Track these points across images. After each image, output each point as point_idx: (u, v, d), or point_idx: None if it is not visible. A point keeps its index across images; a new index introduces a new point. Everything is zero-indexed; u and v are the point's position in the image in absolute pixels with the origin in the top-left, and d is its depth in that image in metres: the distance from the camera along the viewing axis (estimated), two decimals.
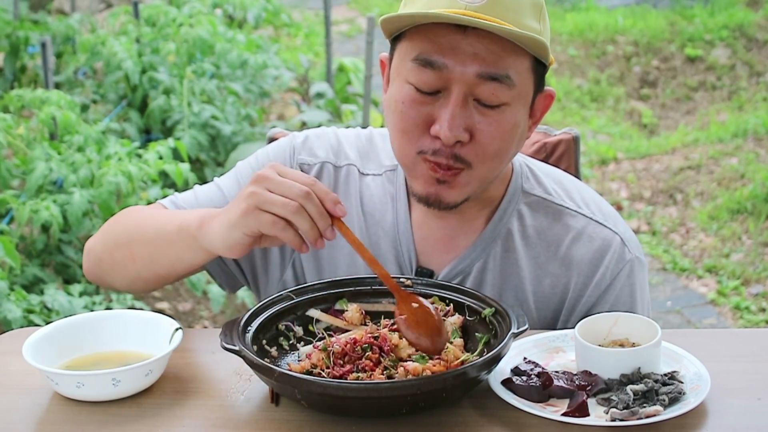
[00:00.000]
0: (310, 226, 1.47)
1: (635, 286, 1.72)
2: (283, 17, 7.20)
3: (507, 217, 1.73)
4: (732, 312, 4.54)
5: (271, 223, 1.47)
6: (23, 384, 1.54)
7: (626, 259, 1.71)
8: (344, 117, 6.21)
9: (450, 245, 1.73)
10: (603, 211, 1.76)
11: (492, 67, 1.53)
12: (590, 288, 1.70)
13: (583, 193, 1.78)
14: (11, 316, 3.09)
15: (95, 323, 1.62)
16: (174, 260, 1.67)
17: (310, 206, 1.46)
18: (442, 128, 1.55)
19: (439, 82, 1.55)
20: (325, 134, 1.84)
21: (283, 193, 1.47)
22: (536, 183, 1.76)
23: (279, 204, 1.46)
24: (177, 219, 1.66)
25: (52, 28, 6.32)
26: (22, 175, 3.84)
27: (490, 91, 1.55)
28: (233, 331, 1.50)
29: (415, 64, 1.56)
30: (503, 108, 1.57)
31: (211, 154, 5.48)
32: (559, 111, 7.34)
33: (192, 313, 4.47)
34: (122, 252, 1.73)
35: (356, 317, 1.61)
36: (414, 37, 1.57)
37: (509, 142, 1.60)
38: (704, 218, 5.40)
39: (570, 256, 1.71)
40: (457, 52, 1.53)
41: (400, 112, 1.59)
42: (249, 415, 1.44)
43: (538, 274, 1.72)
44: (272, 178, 1.48)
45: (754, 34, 8.12)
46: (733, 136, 6.43)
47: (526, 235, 1.72)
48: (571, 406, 1.40)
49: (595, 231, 1.72)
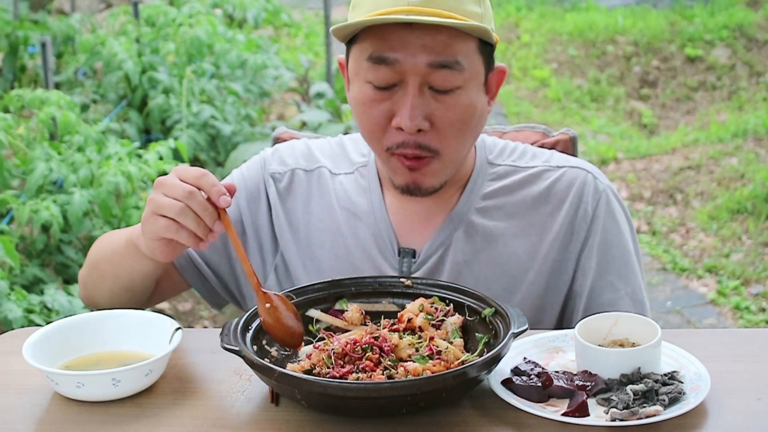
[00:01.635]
0: (196, 224, 1.55)
1: (615, 213, 1.81)
2: (283, 17, 7.20)
3: (477, 188, 1.80)
4: (732, 312, 4.53)
5: (165, 227, 1.56)
6: (23, 384, 1.54)
7: (600, 189, 1.80)
8: (344, 117, 6.21)
9: (427, 223, 1.80)
10: (568, 158, 1.86)
11: (441, 56, 1.62)
12: (575, 226, 1.77)
13: (544, 152, 1.88)
14: (11, 316, 3.08)
15: (95, 323, 1.62)
16: (130, 271, 1.77)
17: (194, 204, 1.54)
18: (403, 119, 1.64)
19: (394, 76, 1.64)
20: (295, 144, 1.94)
21: (171, 195, 1.55)
22: (500, 154, 1.86)
23: (167, 206, 1.55)
24: (127, 232, 1.76)
25: (52, 28, 6.33)
26: (22, 175, 3.84)
27: (442, 78, 1.63)
28: (233, 331, 1.50)
29: (369, 63, 1.65)
30: (457, 92, 1.65)
31: (211, 154, 5.48)
32: (559, 111, 7.34)
33: (192, 313, 4.47)
34: (95, 272, 1.85)
35: (356, 317, 1.61)
36: (365, 38, 1.66)
37: (469, 122, 1.68)
38: (704, 218, 5.40)
39: (548, 204, 1.79)
40: (406, 47, 1.62)
41: (363, 113, 1.69)
42: (249, 415, 1.44)
43: (524, 229, 1.78)
44: (165, 182, 1.57)
45: (754, 34, 8.13)
46: (733, 136, 6.43)
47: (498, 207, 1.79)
48: (571, 406, 1.40)
49: (566, 175, 1.81)
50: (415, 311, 1.57)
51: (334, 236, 1.81)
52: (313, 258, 1.82)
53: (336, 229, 1.82)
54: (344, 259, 1.79)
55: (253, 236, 1.86)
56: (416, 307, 1.58)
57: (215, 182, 1.56)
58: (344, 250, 1.80)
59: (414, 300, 1.61)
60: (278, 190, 1.86)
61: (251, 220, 1.86)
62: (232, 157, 5.31)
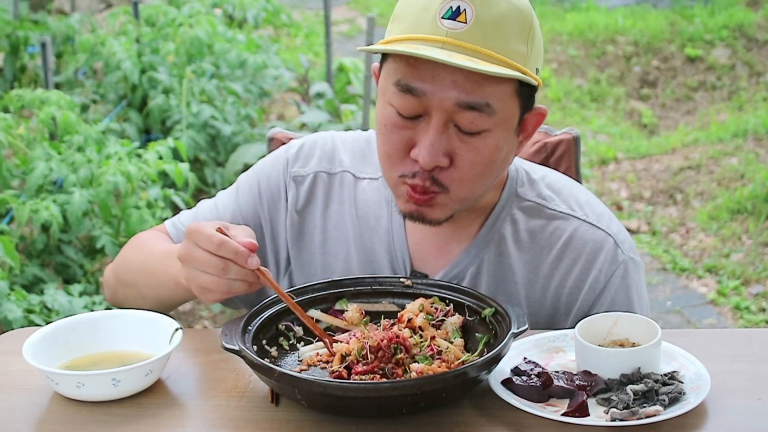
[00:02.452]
0: (240, 285, 1.55)
1: (630, 287, 1.71)
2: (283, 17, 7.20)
3: (500, 222, 1.73)
4: (732, 312, 4.53)
5: (218, 298, 1.57)
6: (23, 384, 1.54)
7: (619, 260, 1.69)
8: (344, 117, 6.21)
9: (444, 250, 1.74)
10: (596, 212, 1.74)
11: (471, 96, 1.51)
12: (584, 291, 1.69)
13: (577, 195, 1.77)
14: (11, 316, 3.09)
15: (95, 323, 1.62)
16: (179, 301, 1.77)
17: (231, 274, 1.53)
18: (422, 153, 1.55)
19: (420, 107, 1.54)
20: (320, 140, 1.85)
21: (205, 270, 1.53)
22: (530, 187, 1.75)
23: (209, 283, 1.54)
24: (170, 264, 1.69)
25: (52, 28, 6.32)
26: (22, 175, 3.84)
27: (469, 120, 1.53)
28: (233, 331, 1.50)
29: (396, 89, 1.55)
30: (484, 134, 1.56)
31: (211, 154, 5.48)
32: (559, 111, 7.34)
33: (192, 313, 4.47)
34: (132, 291, 1.83)
35: (356, 317, 1.61)
36: (397, 60, 1.56)
37: (490, 166, 1.59)
38: (704, 218, 5.40)
39: (562, 259, 1.70)
40: (436, 80, 1.51)
41: (384, 135, 1.60)
42: (249, 415, 1.44)
43: (531, 279, 1.71)
44: (192, 257, 1.54)
45: (754, 34, 8.12)
46: (733, 136, 6.43)
47: (518, 240, 1.72)
48: (571, 406, 1.40)
49: (587, 233, 1.71)
50: (415, 311, 1.57)
51: (349, 248, 1.77)
52: (326, 267, 1.78)
53: (351, 240, 1.76)
54: (356, 273, 1.76)
55: (270, 240, 1.82)
56: (416, 307, 1.58)
57: (236, 247, 1.51)
58: (357, 263, 1.76)
59: (414, 300, 1.61)
60: (299, 193, 1.81)
61: (270, 225, 1.82)
62: (232, 157, 5.30)
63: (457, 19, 1.50)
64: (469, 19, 1.50)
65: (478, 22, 1.50)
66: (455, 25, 1.50)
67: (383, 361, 1.45)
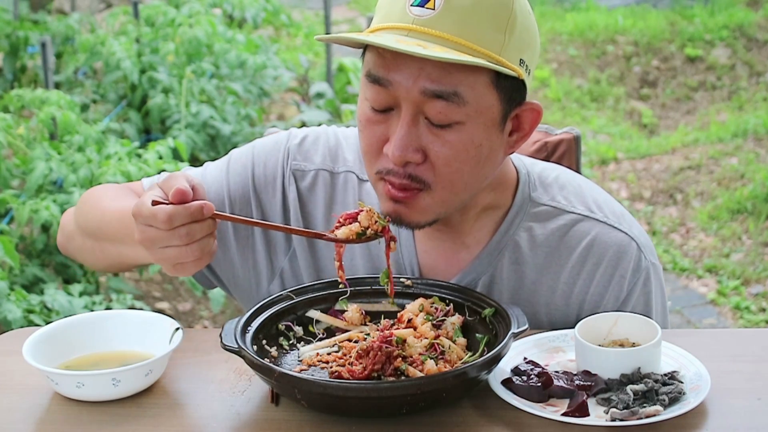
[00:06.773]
0: (208, 240, 1.45)
1: (650, 294, 1.68)
2: (283, 17, 7.20)
3: (513, 228, 1.66)
4: (732, 312, 4.53)
5: (176, 256, 1.45)
6: (23, 384, 1.54)
7: (642, 267, 1.66)
8: (344, 117, 6.21)
9: (454, 258, 1.68)
10: (615, 212, 1.69)
11: (436, 84, 1.45)
12: (606, 298, 1.66)
13: (595, 195, 1.71)
14: (11, 316, 3.08)
15: (95, 323, 1.62)
16: (141, 259, 1.66)
17: (197, 235, 1.43)
18: (391, 148, 1.50)
19: (389, 99, 1.50)
20: (323, 135, 1.79)
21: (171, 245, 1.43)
22: (544, 191, 1.69)
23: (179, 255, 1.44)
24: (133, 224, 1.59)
25: (52, 28, 6.32)
26: (22, 175, 3.84)
27: (437, 110, 1.47)
28: (233, 331, 1.50)
29: (367, 81, 1.52)
30: (456, 127, 1.49)
31: (211, 154, 5.48)
32: (559, 111, 7.34)
33: (192, 313, 4.47)
34: (92, 244, 1.73)
35: (356, 317, 1.61)
36: (369, 51, 1.52)
37: (469, 163, 1.51)
38: (704, 218, 5.40)
39: (584, 264, 1.66)
40: (401, 69, 1.46)
41: (361, 131, 1.56)
42: (249, 415, 1.44)
43: (551, 285, 1.66)
44: (150, 238, 1.44)
45: (754, 34, 8.12)
46: (733, 136, 6.43)
47: (535, 246, 1.66)
48: (571, 406, 1.40)
49: (609, 235, 1.65)
50: (415, 311, 1.57)
51: (353, 255, 1.70)
52: (324, 270, 1.72)
53: (356, 246, 1.69)
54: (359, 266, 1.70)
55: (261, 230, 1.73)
56: (416, 307, 1.58)
57: (187, 209, 1.41)
58: (362, 272, 1.70)
59: (414, 300, 1.61)
60: (299, 189, 1.73)
61: (261, 212, 1.73)
62: None
63: (425, 6, 1.47)
64: (437, 6, 1.46)
65: (447, 9, 1.46)
66: (423, 12, 1.47)
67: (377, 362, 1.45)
